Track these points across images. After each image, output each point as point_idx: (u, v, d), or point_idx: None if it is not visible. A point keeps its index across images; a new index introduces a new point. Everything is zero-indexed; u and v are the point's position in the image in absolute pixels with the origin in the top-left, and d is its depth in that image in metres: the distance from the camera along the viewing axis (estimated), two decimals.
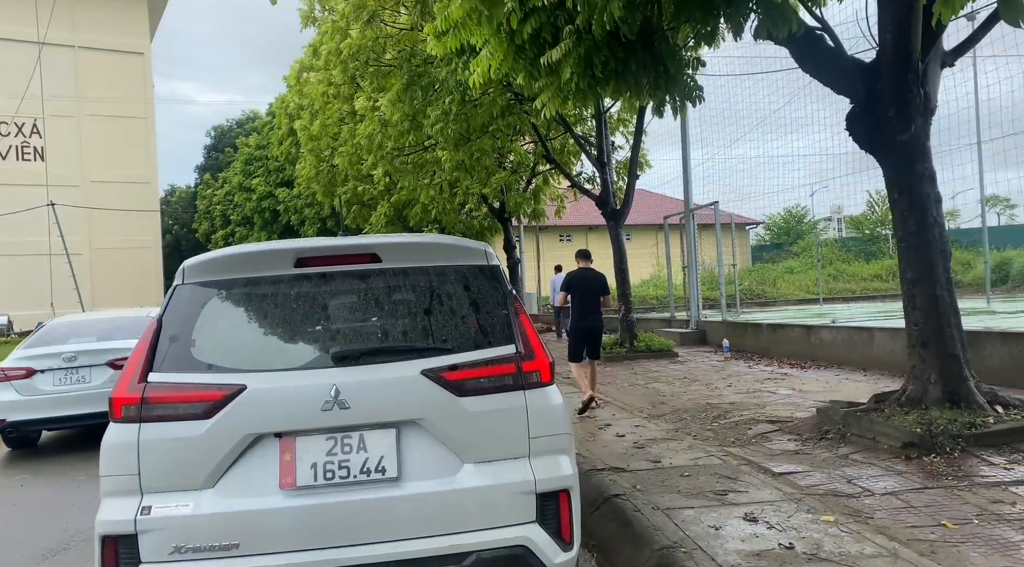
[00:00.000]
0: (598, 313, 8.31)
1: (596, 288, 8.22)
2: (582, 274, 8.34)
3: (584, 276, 8.30)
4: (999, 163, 16.06)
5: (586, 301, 8.23)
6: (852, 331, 10.61)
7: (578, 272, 8.42)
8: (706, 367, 11.39)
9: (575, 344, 8.45)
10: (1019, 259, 30.68)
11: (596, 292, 8.23)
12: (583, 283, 8.24)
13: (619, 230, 13.18)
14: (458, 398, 2.85)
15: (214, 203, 40.43)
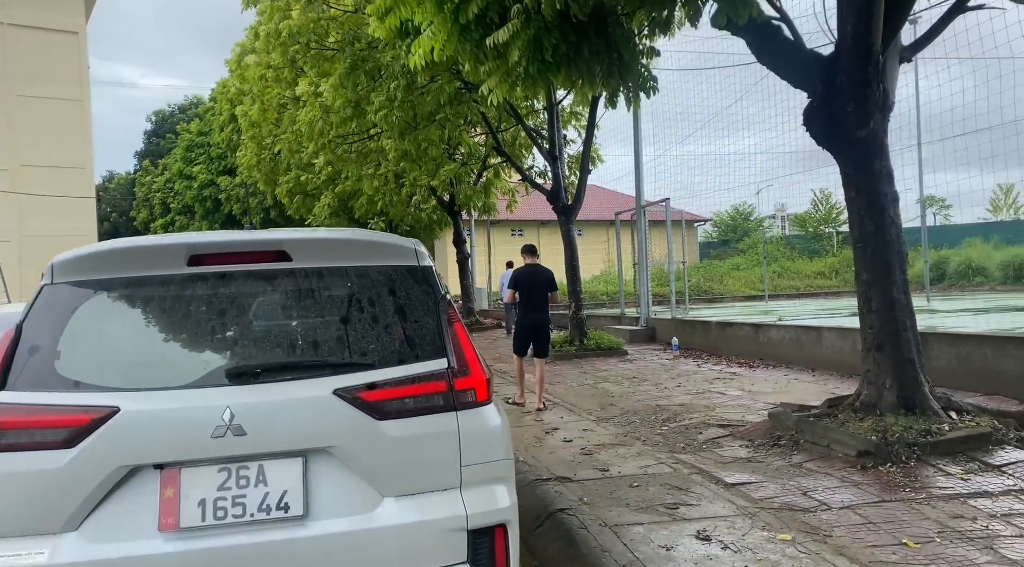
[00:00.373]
0: (545, 310, 8.23)
1: (544, 284, 8.12)
2: (530, 270, 8.23)
3: (532, 272, 8.19)
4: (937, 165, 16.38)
5: (534, 298, 8.12)
6: (800, 330, 10.53)
7: (525, 268, 8.31)
8: (656, 366, 11.19)
9: (520, 340, 8.39)
10: (955, 258, 31.55)
11: (544, 288, 8.13)
12: (531, 280, 8.13)
13: (570, 225, 12.89)
14: (378, 422, 2.45)
15: (153, 190, 38.85)
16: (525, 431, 7.08)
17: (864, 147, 5.78)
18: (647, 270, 14.97)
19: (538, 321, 8.16)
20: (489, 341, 16.76)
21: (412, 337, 2.62)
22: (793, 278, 34.85)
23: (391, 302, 2.67)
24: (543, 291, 8.10)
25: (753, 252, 42.68)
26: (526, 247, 8.57)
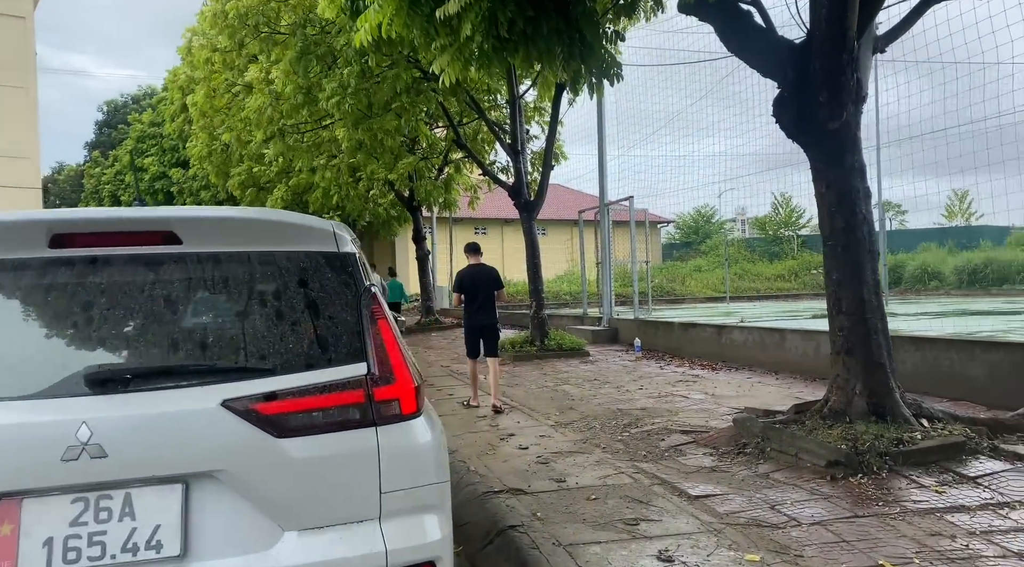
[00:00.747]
0: (492, 309, 8.05)
1: (488, 283, 7.94)
2: (473, 270, 8.02)
3: (475, 272, 7.99)
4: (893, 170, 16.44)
5: (479, 298, 7.92)
6: (763, 332, 10.30)
7: (469, 269, 8.09)
8: (617, 367, 10.87)
9: (470, 342, 8.18)
10: (911, 262, 32.02)
11: (489, 287, 7.95)
12: (475, 280, 7.93)
13: (532, 223, 12.52)
14: (277, 440, 2.02)
15: (103, 182, 37.45)
16: (479, 437, 6.67)
17: (836, 140, 5.50)
18: (611, 270, 14.67)
19: (485, 321, 7.97)
20: (448, 341, 16.31)
21: (325, 337, 2.20)
22: (754, 280, 35.06)
23: (301, 295, 2.24)
24: (488, 290, 7.91)
25: (715, 254, 42.93)
26: (469, 245, 8.33)
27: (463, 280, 8.01)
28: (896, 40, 5.88)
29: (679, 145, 33.82)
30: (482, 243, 40.27)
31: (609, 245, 14.71)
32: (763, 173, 13.73)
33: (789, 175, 13.10)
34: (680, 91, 15.27)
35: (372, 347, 2.22)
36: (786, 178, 36.37)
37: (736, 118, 14.10)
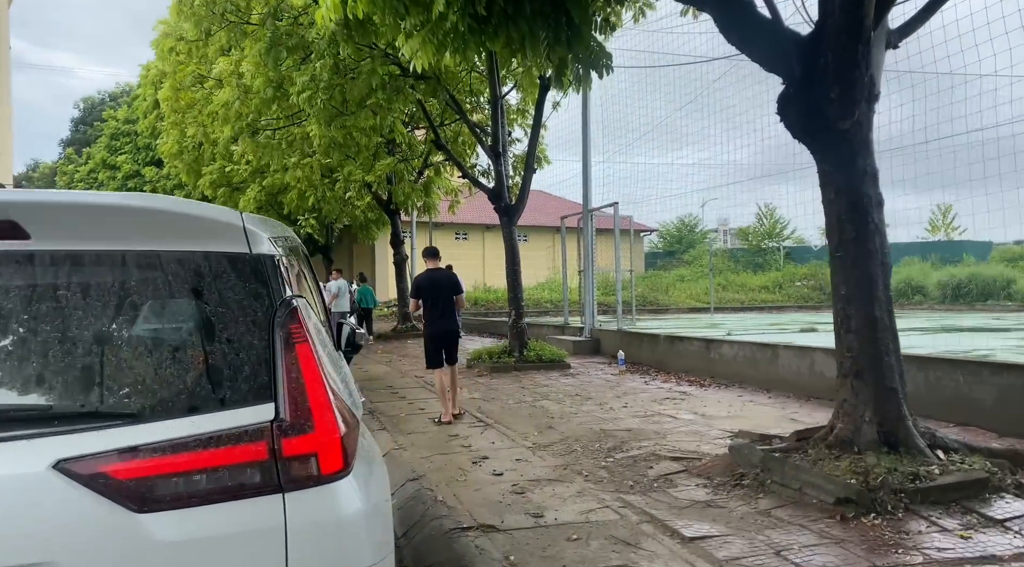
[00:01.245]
0: (452, 316, 7.82)
1: (447, 289, 7.69)
2: (430, 275, 7.75)
3: (433, 277, 7.73)
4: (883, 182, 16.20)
5: (438, 304, 7.66)
6: (755, 348, 9.81)
7: (426, 274, 7.82)
8: (600, 382, 10.33)
9: (431, 351, 7.84)
10: (895, 276, 31.74)
11: (448, 293, 7.70)
12: (433, 285, 7.66)
13: (513, 228, 11.97)
14: (137, 516, 1.44)
15: (76, 180, 36.43)
16: (450, 460, 6.09)
17: (847, 141, 5.00)
18: (593, 278, 14.16)
19: (445, 328, 7.73)
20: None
21: (219, 368, 1.62)
22: (737, 291, 34.75)
23: (191, 310, 1.66)
24: (447, 296, 7.66)
25: (698, 264, 42.63)
26: (427, 250, 8.02)
27: (421, 285, 7.71)
28: (911, 35, 5.41)
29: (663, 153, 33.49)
30: (462, 249, 39.92)
31: (592, 253, 14.21)
32: (747, 182, 13.42)
33: (772, 185, 12.75)
34: (666, 97, 14.84)
35: (284, 382, 1.65)
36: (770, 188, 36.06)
37: (722, 125, 13.70)
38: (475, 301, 31.36)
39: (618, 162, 15.33)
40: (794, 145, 11.71)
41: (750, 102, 12.83)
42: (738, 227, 48.38)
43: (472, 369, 11.78)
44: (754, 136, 13.10)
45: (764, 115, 12.28)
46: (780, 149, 12.69)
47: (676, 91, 14.43)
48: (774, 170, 13.96)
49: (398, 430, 7.34)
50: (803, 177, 11.66)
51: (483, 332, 19.22)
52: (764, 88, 12.32)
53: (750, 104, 12.83)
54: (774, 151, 12.64)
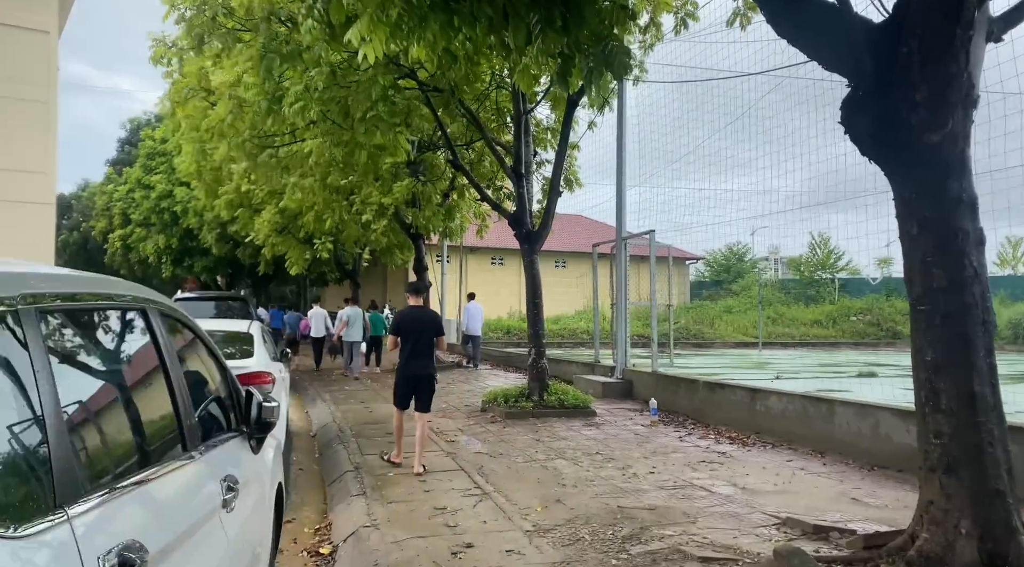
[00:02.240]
0: (430, 357, 7.33)
1: (428, 329, 7.28)
2: (413, 314, 7.38)
3: (415, 316, 7.36)
4: None
5: (417, 345, 7.20)
6: (807, 402, 8.46)
7: (409, 311, 7.46)
8: (627, 436, 9.07)
9: (401, 392, 7.37)
10: None
11: (428, 334, 7.27)
12: (414, 323, 7.25)
13: (534, 256, 10.86)
14: None
15: (115, 199, 36.65)
16: (425, 547, 4.95)
17: (937, 158, 3.78)
18: (625, 312, 12.92)
19: (422, 371, 7.23)
20: (442, 384, 14.57)
21: None
22: (788, 325, 32.92)
23: None
24: (428, 337, 7.23)
25: (746, 295, 40.82)
26: (411, 285, 7.75)
27: (400, 323, 7.32)
28: (1019, 24, 4.16)
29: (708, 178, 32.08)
30: (498, 274, 38.83)
31: (624, 285, 12.99)
32: (797, 211, 12.16)
33: (825, 214, 11.39)
34: (710, 116, 13.61)
35: None
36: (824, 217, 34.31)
37: (770, 147, 12.41)
38: (508, 330, 30.21)
39: (659, 187, 14.15)
40: (850, 170, 10.26)
41: (800, 122, 11.61)
42: (788, 257, 46.39)
43: (485, 413, 10.63)
44: (804, 159, 11.82)
45: (815, 136, 11.04)
46: (832, 174, 11.38)
47: (721, 109, 13.22)
48: (826, 197, 12.60)
49: (379, 496, 6.23)
50: (857, 205, 10.38)
51: (508, 366, 18.05)
52: (815, 106, 11.09)
53: (800, 124, 11.61)
54: (825, 177, 11.30)
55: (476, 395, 12.74)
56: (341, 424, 10.02)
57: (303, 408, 12.86)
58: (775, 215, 12.86)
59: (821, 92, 11.08)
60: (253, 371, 6.71)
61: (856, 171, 10.46)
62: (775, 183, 12.60)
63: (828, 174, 11.43)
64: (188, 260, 33.09)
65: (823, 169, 11.45)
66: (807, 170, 11.83)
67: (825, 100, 11.04)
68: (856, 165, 10.58)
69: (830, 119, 11.45)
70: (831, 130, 11.23)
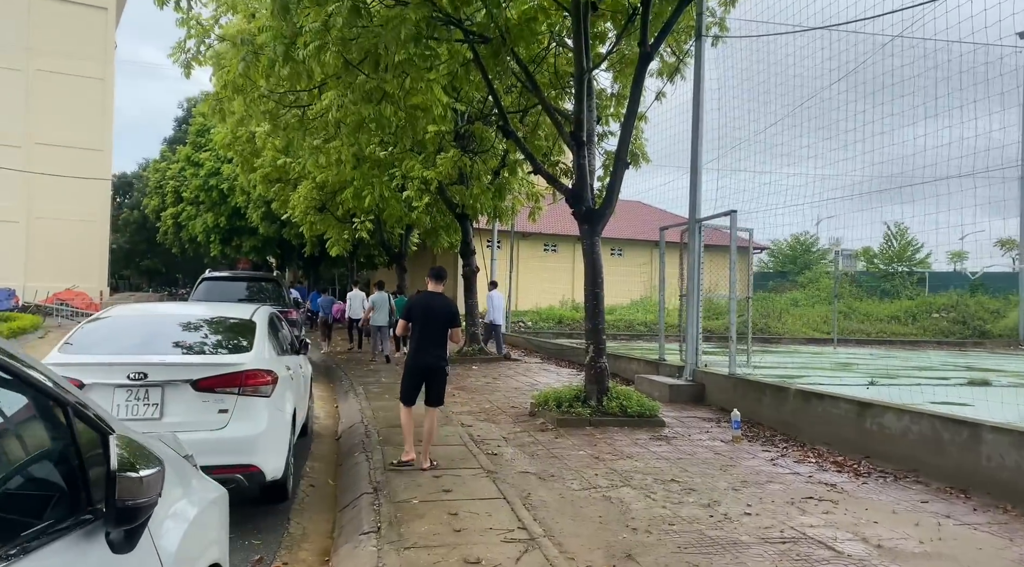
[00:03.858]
0: (442, 349, 6.76)
1: (442, 318, 6.69)
2: (427, 300, 6.78)
3: (429, 302, 6.75)
4: None
5: (427, 333, 6.67)
6: (939, 423, 6.73)
7: (423, 297, 6.86)
8: (706, 454, 7.48)
9: (408, 385, 6.80)
10: None
11: (442, 323, 6.70)
12: (427, 311, 6.68)
13: (596, 239, 9.31)
14: None
15: (167, 177, 36.40)
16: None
17: None
18: (698, 305, 11.27)
19: (432, 363, 6.69)
20: (488, 379, 13.16)
21: None
22: (862, 321, 30.50)
23: None
24: (442, 326, 6.69)
25: (814, 287, 38.37)
26: (433, 270, 7.00)
27: (413, 308, 6.81)
28: None
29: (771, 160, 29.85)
30: (551, 261, 37.18)
31: (698, 273, 11.33)
32: (859, 199, 10.52)
33: (890, 205, 9.60)
34: (782, 98, 11.70)
35: None
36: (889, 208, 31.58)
37: (829, 131, 10.57)
38: (559, 319, 28.66)
39: (721, 170, 12.38)
40: (918, 157, 8.40)
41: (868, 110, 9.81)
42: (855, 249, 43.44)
43: (534, 419, 9.16)
44: (867, 144, 10.03)
45: (881, 117, 9.29)
46: (900, 161, 9.57)
47: (796, 91, 11.33)
48: (892, 184, 10.65)
49: (396, 536, 4.83)
50: (926, 195, 8.67)
51: (561, 360, 16.52)
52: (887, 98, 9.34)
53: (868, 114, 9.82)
54: (891, 164, 9.51)
55: (524, 394, 11.29)
56: (370, 425, 8.70)
57: (334, 401, 11.62)
58: (840, 201, 11.00)
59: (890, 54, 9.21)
60: (247, 370, 5.38)
61: (929, 157, 8.72)
62: (835, 169, 10.76)
63: (895, 161, 9.60)
64: (236, 240, 32.51)
65: (889, 155, 9.66)
66: (872, 155, 10.03)
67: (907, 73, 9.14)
68: (929, 150, 8.77)
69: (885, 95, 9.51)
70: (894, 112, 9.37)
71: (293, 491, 6.27)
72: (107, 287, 43.00)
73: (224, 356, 5.57)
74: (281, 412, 5.78)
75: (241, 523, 5.45)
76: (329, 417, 10.29)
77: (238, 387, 5.31)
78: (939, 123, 8.72)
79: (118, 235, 62.51)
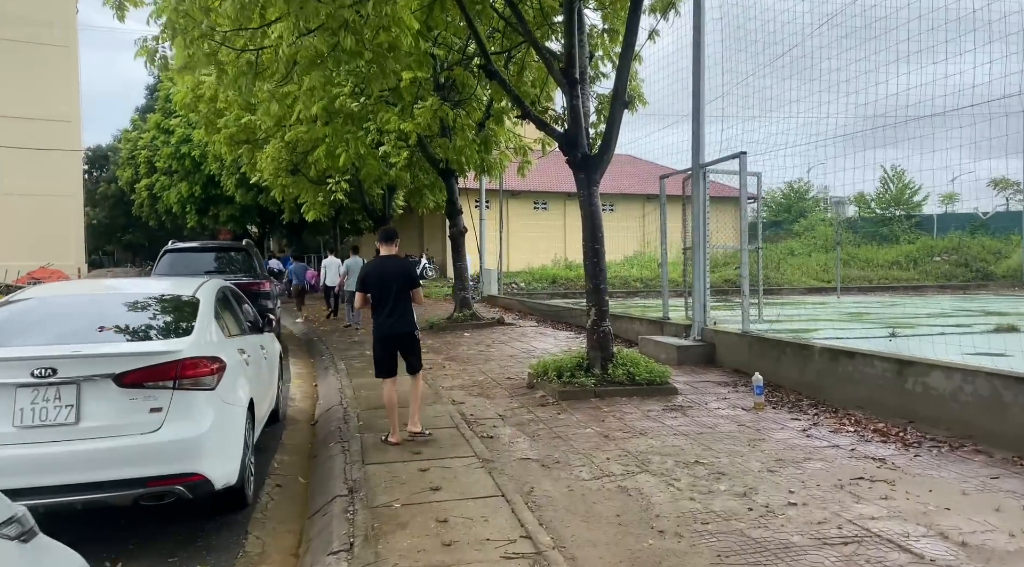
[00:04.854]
0: (407, 313, 6.38)
1: (401, 281, 6.29)
2: (380, 265, 6.42)
3: (382, 266, 6.39)
4: None
5: (387, 299, 6.26)
6: (999, 382, 5.86)
7: (376, 263, 6.52)
8: (728, 426, 6.62)
9: (380, 357, 6.44)
10: None
11: (399, 287, 6.28)
12: (382, 276, 6.30)
13: (593, 189, 8.32)
14: None
15: (139, 147, 34.84)
16: None
17: None
18: (705, 257, 10.35)
19: (400, 329, 6.32)
20: (483, 346, 12.24)
21: None
22: (862, 267, 29.73)
23: None
24: (400, 290, 6.28)
25: (809, 236, 37.56)
26: (383, 232, 6.61)
27: (367, 276, 6.43)
28: None
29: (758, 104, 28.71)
30: (542, 219, 35.91)
31: (704, 222, 10.37)
32: (851, 142, 9.56)
33: (873, 149, 8.74)
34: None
35: None
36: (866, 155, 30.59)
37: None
38: (553, 279, 27.72)
39: (719, 118, 11.24)
40: (901, 98, 7.45)
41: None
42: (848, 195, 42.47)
43: (533, 391, 8.28)
44: (847, 86, 9.16)
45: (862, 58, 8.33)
46: (881, 102, 8.68)
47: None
48: (876, 131, 9.64)
49: (372, 554, 3.94)
50: (908, 140, 7.88)
51: (558, 322, 15.62)
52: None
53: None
54: (874, 108, 8.62)
55: (521, 363, 10.41)
56: (349, 407, 7.81)
57: (313, 378, 10.71)
58: (831, 144, 9.95)
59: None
60: (184, 358, 4.42)
61: (912, 96, 7.88)
62: (823, 110, 9.74)
63: (877, 104, 8.68)
64: (213, 209, 31.21)
65: (870, 98, 8.75)
66: (856, 99, 9.08)
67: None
68: (908, 91, 7.83)
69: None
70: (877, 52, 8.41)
71: (256, 494, 5.37)
72: (85, 264, 41.72)
73: (155, 343, 4.60)
74: (232, 406, 4.83)
75: (187, 542, 4.56)
76: (307, 398, 9.38)
77: (173, 380, 4.36)
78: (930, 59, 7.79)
79: (98, 210, 60.81)
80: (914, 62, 8.03)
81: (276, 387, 7.29)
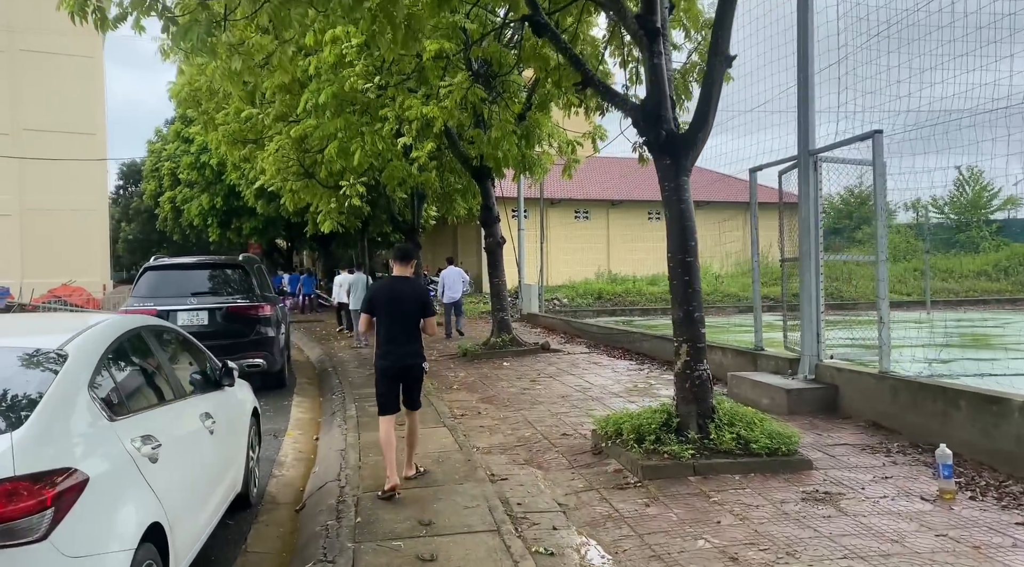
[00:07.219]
0: (416, 342, 5.53)
1: (413, 306, 5.46)
2: (391, 287, 5.55)
3: (394, 288, 5.51)
4: None
5: (395, 327, 5.44)
6: None
7: (386, 283, 5.70)
8: (922, 539, 4.24)
9: (382, 391, 5.56)
10: None
11: (410, 312, 5.46)
12: (392, 299, 5.45)
13: (682, 178, 6.06)
14: None
15: (162, 159, 33.53)
16: None
17: None
18: (819, 270, 8.03)
19: (405, 360, 5.49)
20: (526, 382, 9.96)
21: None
22: (944, 279, 26.77)
23: None
24: (411, 316, 5.46)
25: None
26: (398, 250, 5.77)
27: (374, 298, 5.58)
28: None
29: None
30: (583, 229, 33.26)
31: (817, 228, 8.04)
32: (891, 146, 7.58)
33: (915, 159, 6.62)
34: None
35: None
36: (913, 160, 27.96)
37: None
38: (599, 294, 25.32)
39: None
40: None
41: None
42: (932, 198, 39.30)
43: (602, 462, 5.97)
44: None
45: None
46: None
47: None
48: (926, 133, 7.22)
49: None
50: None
51: (613, 348, 13.26)
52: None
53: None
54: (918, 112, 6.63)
55: (577, 408, 8.13)
56: (348, 485, 5.62)
57: (316, 429, 8.52)
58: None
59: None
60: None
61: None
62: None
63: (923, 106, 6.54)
64: (236, 222, 29.59)
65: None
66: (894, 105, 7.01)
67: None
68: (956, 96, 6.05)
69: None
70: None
71: None
72: (110, 280, 40.62)
73: None
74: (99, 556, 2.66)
75: None
76: (302, 460, 7.21)
77: None
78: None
79: (132, 225, 60.20)
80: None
81: (242, 461, 5.15)
